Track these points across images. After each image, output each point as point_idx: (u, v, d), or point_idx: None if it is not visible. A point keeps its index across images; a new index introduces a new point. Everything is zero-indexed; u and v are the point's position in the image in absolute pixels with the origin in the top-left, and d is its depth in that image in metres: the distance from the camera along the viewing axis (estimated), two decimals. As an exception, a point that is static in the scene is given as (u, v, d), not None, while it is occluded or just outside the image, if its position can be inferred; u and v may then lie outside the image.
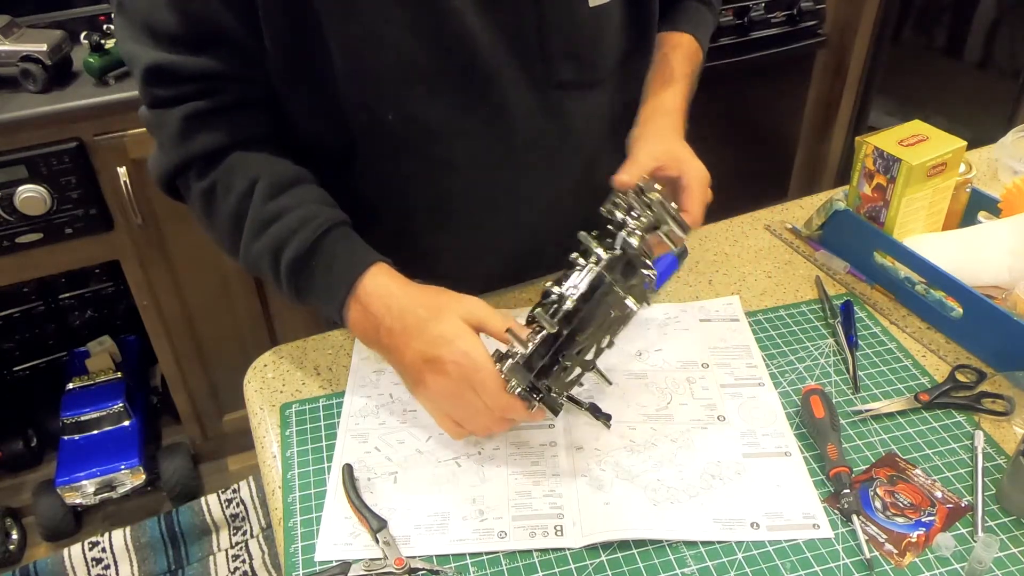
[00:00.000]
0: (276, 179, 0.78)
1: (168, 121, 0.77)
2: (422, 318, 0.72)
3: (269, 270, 0.78)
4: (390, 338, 0.74)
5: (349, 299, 0.75)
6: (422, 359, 0.71)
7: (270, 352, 0.92)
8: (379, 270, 0.76)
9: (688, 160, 0.85)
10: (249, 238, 0.78)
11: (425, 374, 0.72)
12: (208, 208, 0.80)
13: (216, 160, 0.78)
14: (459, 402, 0.72)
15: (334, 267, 0.76)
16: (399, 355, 0.74)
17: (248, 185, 0.77)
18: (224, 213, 0.78)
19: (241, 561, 1.79)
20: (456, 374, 0.70)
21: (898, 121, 0.96)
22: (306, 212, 0.77)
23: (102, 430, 1.83)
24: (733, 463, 0.76)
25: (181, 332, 1.77)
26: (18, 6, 1.62)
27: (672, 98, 0.91)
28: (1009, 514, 0.72)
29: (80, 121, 1.46)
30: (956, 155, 0.93)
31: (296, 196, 0.78)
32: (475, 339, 0.71)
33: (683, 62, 0.95)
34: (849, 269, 0.99)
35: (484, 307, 0.73)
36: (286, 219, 0.76)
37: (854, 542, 0.70)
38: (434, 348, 0.70)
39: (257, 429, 0.84)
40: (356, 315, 0.76)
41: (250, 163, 0.78)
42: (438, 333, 0.71)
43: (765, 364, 0.87)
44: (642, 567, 0.68)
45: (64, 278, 1.92)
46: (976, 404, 0.81)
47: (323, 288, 0.77)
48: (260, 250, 0.77)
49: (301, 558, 0.70)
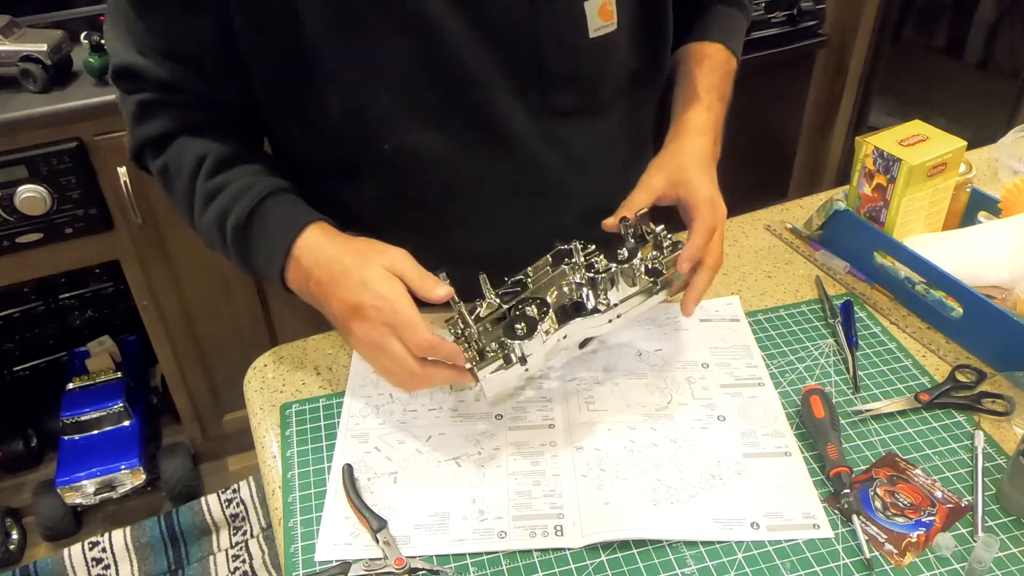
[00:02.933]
0: (220, 156, 0.80)
1: (127, 105, 0.82)
2: (347, 266, 0.73)
3: (219, 242, 0.80)
4: (319, 288, 0.74)
5: (287, 261, 0.76)
6: (346, 307, 0.72)
7: (270, 352, 0.92)
8: (314, 228, 0.76)
9: (695, 189, 0.80)
10: (199, 213, 0.80)
11: (350, 321, 0.72)
12: (166, 186, 0.84)
13: (166, 144, 0.81)
14: (382, 349, 0.71)
15: (271, 232, 0.77)
16: (327, 305, 0.74)
17: (195, 164, 0.80)
18: (178, 191, 0.82)
19: (241, 561, 1.79)
20: (377, 319, 0.70)
21: (898, 121, 0.96)
22: (245, 183, 0.79)
23: (102, 430, 1.83)
24: (733, 463, 0.76)
25: (181, 332, 1.77)
26: (18, 6, 1.62)
27: (695, 116, 0.87)
28: (1009, 514, 0.72)
29: (80, 121, 1.46)
30: (956, 155, 0.93)
31: (238, 170, 0.80)
32: (396, 284, 0.71)
33: (708, 75, 0.90)
34: (849, 269, 0.99)
35: (407, 259, 0.73)
36: (227, 191, 0.78)
37: (854, 542, 0.70)
38: (355, 295, 0.71)
39: (257, 429, 0.84)
40: (292, 272, 0.76)
41: (197, 145, 0.81)
42: (359, 280, 0.71)
43: (765, 364, 0.87)
44: (642, 567, 0.68)
45: (64, 278, 1.92)
46: (976, 404, 0.81)
47: (264, 254, 0.78)
48: (208, 224, 0.80)
49: (301, 558, 0.70)
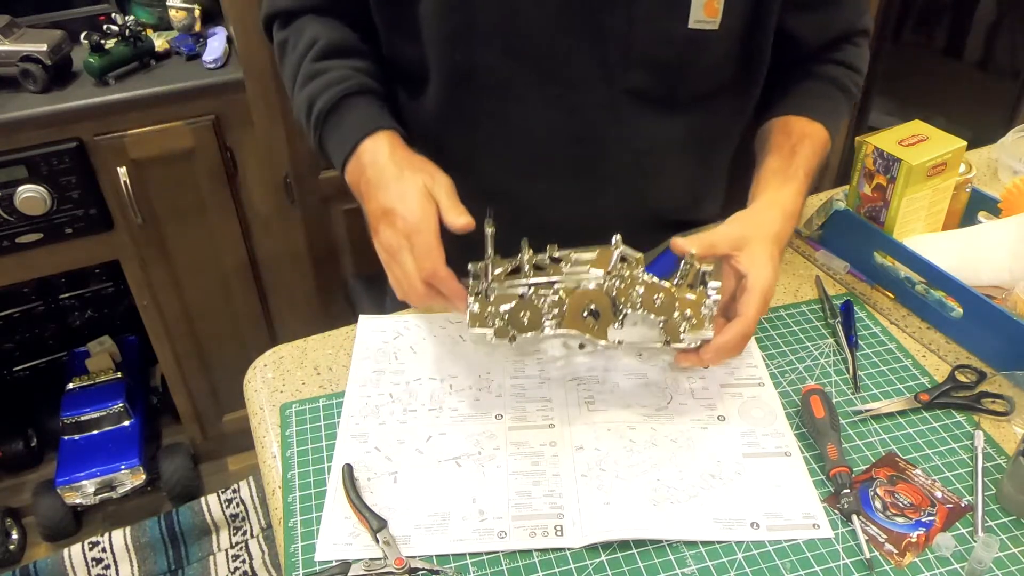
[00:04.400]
0: (330, 43, 0.87)
1: None
2: (394, 175, 0.78)
3: (304, 119, 0.87)
4: (366, 187, 0.79)
5: (351, 155, 0.82)
6: (380, 209, 0.77)
7: (270, 352, 0.92)
8: (384, 134, 0.81)
9: (763, 268, 0.76)
10: (297, 89, 0.88)
11: (380, 223, 0.77)
12: (281, 59, 0.92)
13: (292, 18, 0.91)
14: (396, 259, 0.75)
15: (347, 126, 0.83)
16: (368, 203, 0.79)
17: (308, 44, 0.87)
18: (289, 65, 0.90)
19: (241, 561, 1.79)
20: (400, 227, 0.75)
21: (898, 121, 0.96)
22: (342, 74, 0.85)
23: (102, 430, 1.82)
24: (733, 463, 0.76)
25: (181, 332, 1.77)
26: (18, 6, 1.62)
27: (792, 199, 0.83)
28: (1009, 514, 0.72)
29: (80, 121, 1.46)
30: (956, 155, 0.93)
31: (342, 61, 0.87)
32: (428, 205, 0.75)
33: (811, 157, 0.87)
34: (849, 269, 0.99)
35: (447, 186, 0.77)
36: (325, 77, 0.85)
37: (854, 542, 0.70)
38: (391, 201, 0.76)
39: (257, 429, 0.84)
40: (352, 166, 0.82)
41: (316, 26, 0.88)
42: (400, 191, 0.76)
43: (765, 364, 0.87)
44: (642, 567, 0.68)
45: (64, 278, 1.92)
46: (976, 404, 0.81)
47: (336, 143, 0.83)
48: (301, 101, 0.87)
49: (301, 558, 0.70)
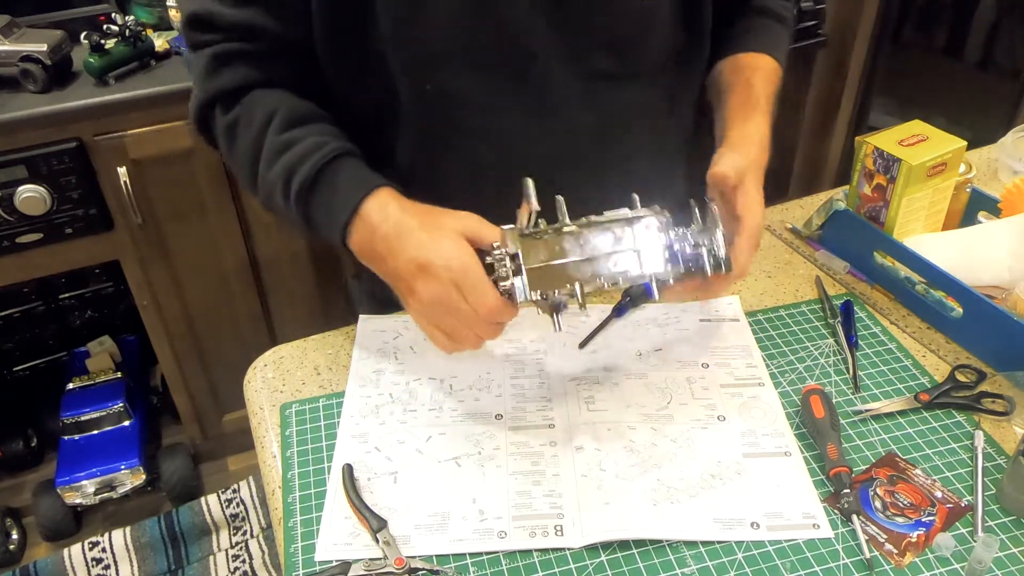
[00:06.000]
0: (292, 112, 0.81)
1: (200, 60, 0.83)
2: (416, 226, 0.73)
3: (281, 198, 0.80)
4: (385, 244, 0.74)
5: (353, 219, 0.76)
6: (414, 265, 0.72)
7: (270, 352, 0.92)
8: (385, 191, 0.77)
9: (754, 200, 0.80)
10: (264, 168, 0.81)
11: (416, 280, 0.72)
12: (231, 141, 0.84)
13: (239, 96, 0.82)
14: (448, 308, 0.71)
15: (339, 191, 0.77)
16: (393, 262, 0.74)
17: (266, 118, 0.80)
18: (244, 145, 0.82)
19: (241, 561, 1.79)
20: (445, 277, 0.70)
21: (898, 121, 0.96)
22: (317, 140, 0.79)
23: (102, 430, 1.83)
24: (733, 463, 0.76)
25: (181, 332, 1.77)
26: (18, 6, 1.62)
27: (758, 129, 0.86)
28: (1009, 514, 0.72)
29: (80, 121, 1.46)
30: (956, 155, 0.93)
31: (310, 128, 0.81)
32: (465, 246, 0.71)
33: (766, 85, 0.91)
34: (849, 269, 0.99)
35: (480, 220, 0.73)
36: (297, 147, 0.79)
37: (854, 542, 0.69)
38: (425, 253, 0.71)
39: (257, 429, 0.84)
40: (357, 229, 0.76)
41: (270, 99, 0.82)
42: (430, 240, 0.72)
43: (765, 364, 0.87)
44: (642, 567, 0.68)
45: (64, 278, 1.92)
46: (976, 404, 0.81)
47: (327, 212, 0.78)
48: (273, 178, 0.80)
49: (301, 558, 0.70)
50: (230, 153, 0.85)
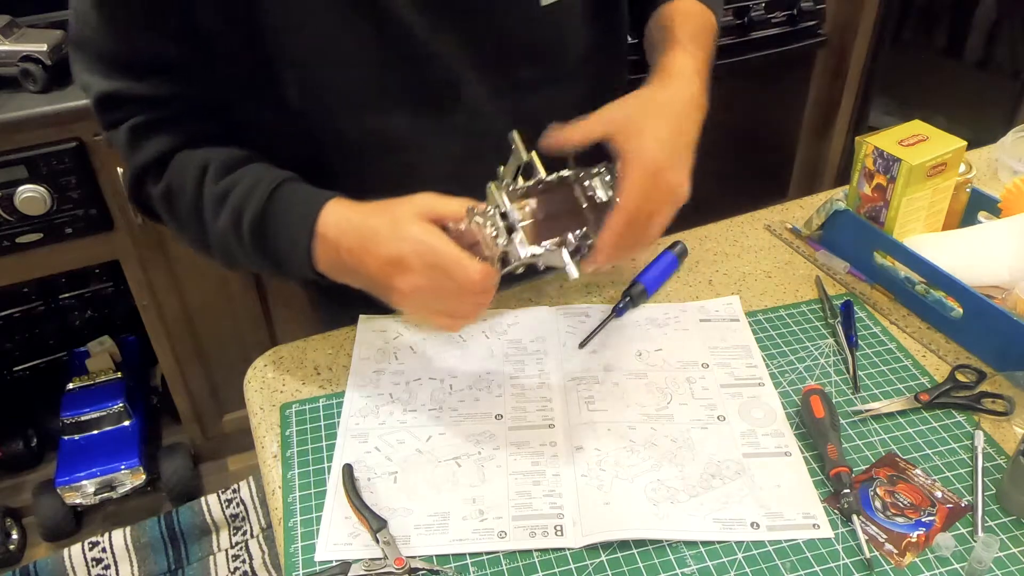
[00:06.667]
0: (224, 162, 0.78)
1: (119, 137, 0.80)
2: (376, 225, 0.71)
3: (236, 245, 0.78)
4: (351, 256, 0.72)
5: (313, 241, 0.74)
6: (386, 263, 0.70)
7: (270, 352, 0.92)
8: (334, 203, 0.74)
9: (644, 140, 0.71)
10: (211, 219, 0.78)
11: (393, 278, 0.70)
12: (170, 209, 0.81)
13: (165, 163, 0.80)
14: (434, 291, 0.70)
15: (291, 215, 0.75)
16: (365, 270, 0.72)
17: (199, 173, 0.78)
18: (185, 208, 0.79)
19: (241, 561, 1.79)
20: (420, 264, 0.68)
21: (898, 121, 0.96)
22: (254, 178, 0.77)
23: (102, 430, 1.83)
24: (733, 463, 0.76)
25: (181, 332, 1.77)
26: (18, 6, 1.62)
27: (672, 59, 0.80)
28: (1009, 514, 0.72)
29: (80, 121, 1.45)
30: (956, 155, 0.93)
31: (244, 170, 0.78)
32: (428, 226, 0.69)
33: (684, 24, 0.85)
34: (849, 269, 0.99)
35: (434, 197, 0.71)
36: (238, 189, 0.76)
37: (854, 542, 0.70)
38: (393, 248, 0.69)
39: (257, 429, 0.84)
40: (320, 249, 0.74)
41: (197, 156, 0.79)
42: (392, 233, 0.70)
43: (765, 364, 0.87)
44: (642, 567, 0.68)
45: (64, 278, 1.92)
46: (976, 404, 0.81)
47: (286, 239, 0.75)
48: (223, 227, 0.77)
49: (301, 558, 0.70)
50: (173, 219, 0.82)
